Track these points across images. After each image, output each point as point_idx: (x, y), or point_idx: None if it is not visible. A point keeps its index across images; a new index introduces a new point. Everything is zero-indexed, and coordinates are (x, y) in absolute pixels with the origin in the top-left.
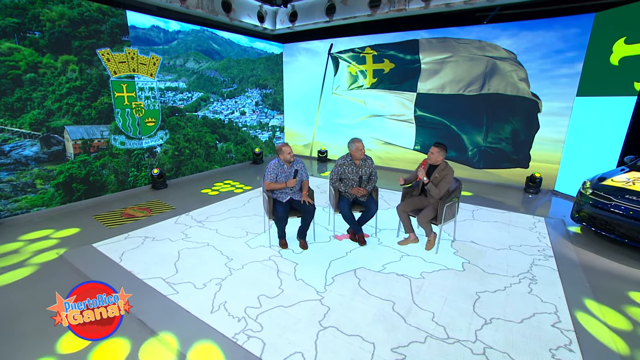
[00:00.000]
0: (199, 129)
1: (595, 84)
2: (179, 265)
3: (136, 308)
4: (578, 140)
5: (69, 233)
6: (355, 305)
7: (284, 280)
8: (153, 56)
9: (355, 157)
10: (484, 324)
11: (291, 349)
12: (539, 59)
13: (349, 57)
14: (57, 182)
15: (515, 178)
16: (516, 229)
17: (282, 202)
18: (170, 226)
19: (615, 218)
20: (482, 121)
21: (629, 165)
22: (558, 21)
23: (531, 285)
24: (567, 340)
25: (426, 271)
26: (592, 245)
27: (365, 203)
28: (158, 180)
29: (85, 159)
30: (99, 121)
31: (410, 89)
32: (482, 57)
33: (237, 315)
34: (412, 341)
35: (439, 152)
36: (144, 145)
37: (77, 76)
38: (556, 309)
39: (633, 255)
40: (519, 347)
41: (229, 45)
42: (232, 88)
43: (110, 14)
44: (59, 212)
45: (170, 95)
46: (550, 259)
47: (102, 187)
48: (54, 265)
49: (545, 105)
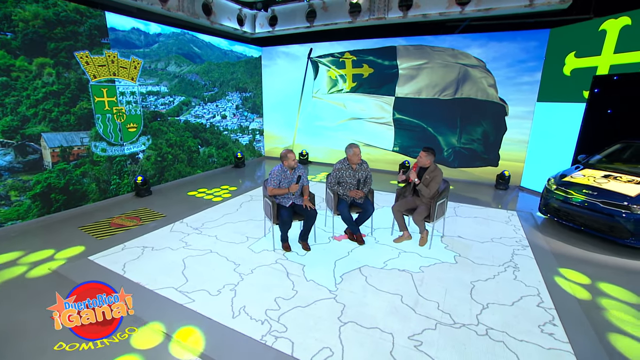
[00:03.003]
0: (182, 133)
1: (551, 91)
2: (188, 274)
3: (156, 319)
4: (539, 141)
5: (62, 248)
6: (367, 301)
7: (295, 282)
8: (134, 59)
9: (352, 161)
10: (482, 308)
11: (319, 345)
12: (505, 67)
13: (329, 61)
14: (33, 192)
15: (487, 176)
16: (494, 223)
17: (285, 206)
18: (167, 234)
19: (575, 210)
20: (456, 124)
21: (582, 163)
22: (520, 34)
23: (515, 272)
24: (550, 317)
25: (424, 265)
26: (558, 234)
27: (362, 205)
28: (142, 188)
29: (64, 168)
30: (78, 127)
31: (389, 93)
32: (455, 64)
33: (259, 319)
34: (424, 329)
35: (427, 156)
36: (126, 152)
37: (54, 80)
38: (538, 291)
39: (590, 241)
40: (513, 326)
41: (210, 48)
42: (213, 92)
43: (89, 15)
44: (36, 225)
45: (152, 99)
46: (527, 248)
47: (83, 197)
48: (49, 280)
49: (512, 109)
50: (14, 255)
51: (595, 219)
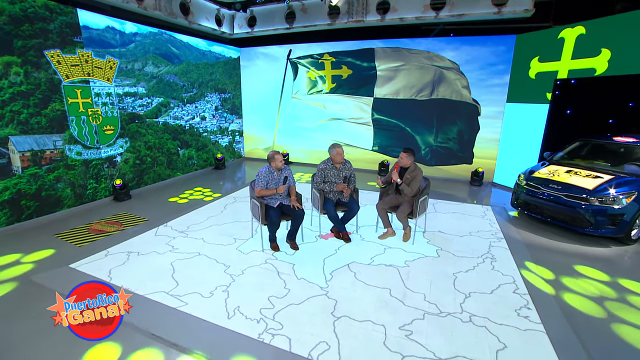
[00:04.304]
0: (160, 135)
1: (519, 92)
2: (177, 277)
3: (151, 325)
4: (510, 139)
5: (35, 255)
6: (357, 296)
7: (287, 281)
8: (109, 59)
9: (335, 161)
10: (465, 297)
11: (315, 340)
12: (477, 69)
13: (308, 62)
14: (1, 199)
15: (462, 173)
16: (471, 218)
17: (273, 207)
18: (151, 239)
19: (542, 203)
20: (432, 123)
21: (547, 160)
22: (490, 39)
23: (492, 263)
24: (525, 302)
25: (409, 260)
26: (528, 226)
27: (348, 203)
28: (121, 192)
29: (35, 173)
30: (50, 130)
31: (368, 94)
32: (430, 66)
33: (255, 318)
34: (413, 319)
35: (407, 157)
36: (103, 155)
37: (23, 80)
38: (514, 279)
39: (556, 232)
40: (493, 312)
41: (188, 48)
42: (192, 93)
43: (59, 12)
44: (5, 233)
45: (129, 101)
46: (502, 240)
47: (57, 203)
48: (24, 290)
49: (484, 109)
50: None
51: (560, 211)
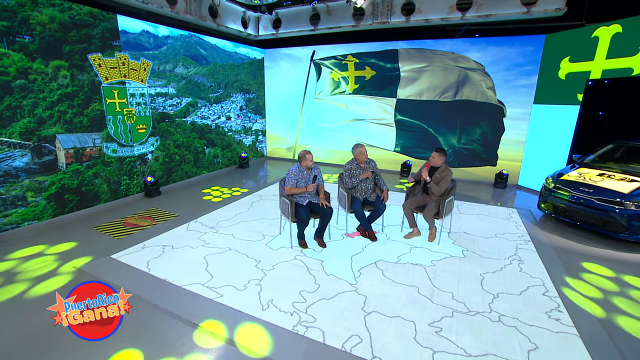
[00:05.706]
0: (188, 134)
1: (547, 93)
2: (211, 271)
3: (192, 315)
4: (536, 141)
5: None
6: (386, 293)
7: (317, 277)
8: (143, 61)
9: (359, 160)
10: (493, 298)
11: (348, 333)
12: (503, 70)
13: (331, 64)
14: (48, 193)
15: (486, 175)
16: (496, 220)
17: (302, 205)
18: (184, 233)
19: (572, 206)
20: (456, 125)
21: (577, 163)
22: (518, 39)
23: (520, 265)
24: (556, 304)
25: (435, 259)
26: (556, 229)
27: (374, 203)
28: (151, 188)
29: (77, 169)
30: (90, 129)
31: (391, 95)
32: (455, 67)
33: (288, 310)
34: (443, 316)
35: (439, 156)
36: (136, 153)
37: (69, 82)
38: (543, 282)
39: (585, 235)
40: (523, 313)
41: (215, 50)
42: (219, 93)
43: (102, 18)
44: (51, 225)
45: (161, 101)
46: (529, 242)
47: (95, 197)
48: (76, 279)
49: (509, 111)
50: (37, 249)
51: (591, 215)
